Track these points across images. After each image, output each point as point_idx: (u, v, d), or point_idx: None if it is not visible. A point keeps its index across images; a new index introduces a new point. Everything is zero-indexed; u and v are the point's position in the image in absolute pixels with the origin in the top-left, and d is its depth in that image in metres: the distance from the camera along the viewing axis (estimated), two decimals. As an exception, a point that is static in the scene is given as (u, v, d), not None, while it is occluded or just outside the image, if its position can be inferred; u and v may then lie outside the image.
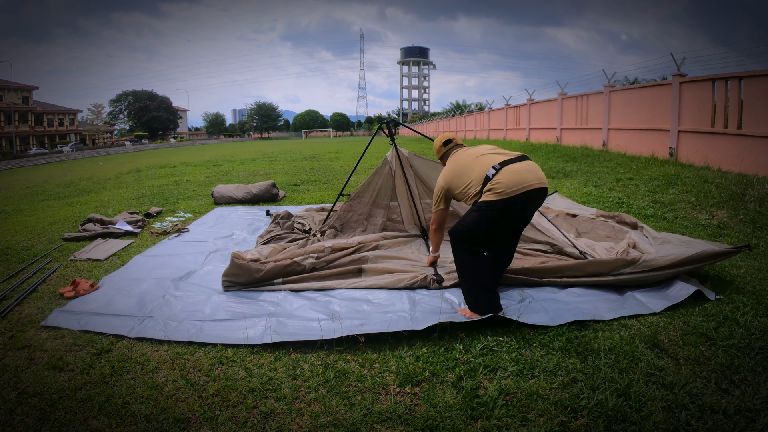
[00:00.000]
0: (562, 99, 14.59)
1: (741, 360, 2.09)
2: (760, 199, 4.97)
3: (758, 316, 2.48)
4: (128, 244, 4.54)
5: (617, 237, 3.83)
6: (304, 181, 9.25)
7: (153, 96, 71.60)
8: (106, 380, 2.12)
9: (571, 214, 4.69)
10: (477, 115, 26.18)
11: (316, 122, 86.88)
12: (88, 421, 1.85)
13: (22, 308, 2.97)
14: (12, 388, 2.08)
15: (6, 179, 16.94)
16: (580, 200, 5.92)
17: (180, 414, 1.87)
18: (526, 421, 1.77)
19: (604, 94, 11.98)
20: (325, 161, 13.78)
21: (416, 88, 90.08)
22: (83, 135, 60.65)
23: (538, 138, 16.26)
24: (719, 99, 7.94)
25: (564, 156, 10.83)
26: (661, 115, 9.57)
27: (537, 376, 2.05)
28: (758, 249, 3.82)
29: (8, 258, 4.20)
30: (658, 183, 6.60)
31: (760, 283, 2.97)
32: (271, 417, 1.86)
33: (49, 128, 53.76)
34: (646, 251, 3.29)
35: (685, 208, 5.27)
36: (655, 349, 2.21)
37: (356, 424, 1.80)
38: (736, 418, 1.72)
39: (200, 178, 10.48)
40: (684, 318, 2.52)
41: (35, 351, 2.41)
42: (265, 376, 2.12)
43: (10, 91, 45.94)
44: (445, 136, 3.09)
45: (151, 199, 7.40)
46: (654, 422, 1.72)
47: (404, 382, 2.05)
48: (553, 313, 2.58)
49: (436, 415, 1.83)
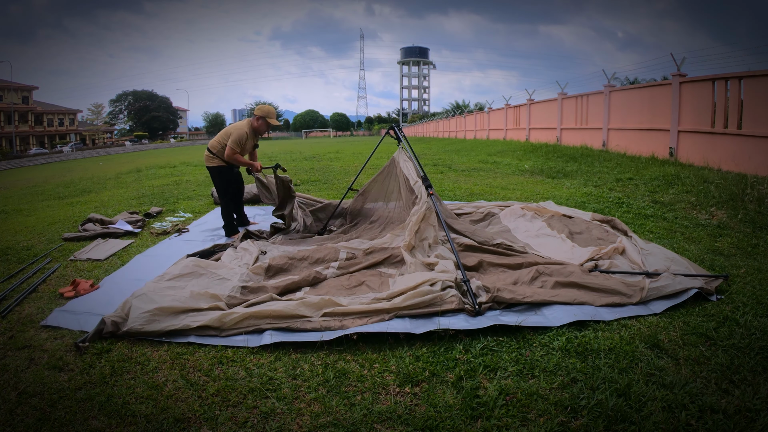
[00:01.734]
0: (561, 99, 14.59)
1: (741, 360, 2.09)
2: (760, 199, 4.97)
3: (758, 316, 2.48)
4: (128, 244, 4.54)
5: (609, 240, 3.85)
6: (304, 181, 9.25)
7: (153, 96, 71.63)
8: (106, 380, 2.12)
9: (566, 216, 4.71)
10: (477, 115, 26.19)
11: (316, 122, 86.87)
12: (88, 421, 1.85)
13: (22, 308, 2.97)
14: (12, 388, 2.08)
15: (6, 179, 16.94)
16: (580, 200, 5.92)
17: (180, 414, 1.87)
18: (526, 421, 1.77)
19: (604, 94, 11.98)
20: (325, 161, 13.78)
21: (416, 88, 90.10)
22: (83, 135, 60.65)
23: (538, 138, 16.26)
24: (719, 99, 7.95)
25: (564, 156, 10.83)
26: (661, 115, 9.58)
27: (537, 376, 2.05)
28: (758, 249, 3.82)
29: (8, 258, 4.20)
30: (658, 183, 6.60)
31: (760, 283, 2.97)
32: (271, 417, 1.86)
33: (49, 128, 53.77)
34: (634, 260, 3.33)
35: (685, 208, 5.27)
36: (655, 349, 2.21)
37: (356, 424, 1.80)
38: (736, 418, 1.72)
39: (200, 178, 10.48)
40: (684, 318, 2.52)
41: (35, 351, 2.40)
42: (265, 376, 2.12)
43: (10, 91, 45.95)
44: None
45: (151, 199, 7.40)
46: (654, 422, 1.72)
47: (404, 382, 2.05)
48: (551, 315, 2.58)
49: (436, 415, 1.83)
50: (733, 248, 3.85)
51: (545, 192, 6.69)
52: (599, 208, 5.40)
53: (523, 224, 4.58)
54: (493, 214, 5.05)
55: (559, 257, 3.52)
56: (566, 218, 4.64)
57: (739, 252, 3.76)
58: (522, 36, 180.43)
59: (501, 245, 3.71)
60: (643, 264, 3.22)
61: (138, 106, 68.97)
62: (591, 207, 5.44)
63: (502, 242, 3.76)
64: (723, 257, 3.60)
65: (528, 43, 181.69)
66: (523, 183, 7.82)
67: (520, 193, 6.67)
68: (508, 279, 3.07)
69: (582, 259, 3.43)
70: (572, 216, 4.70)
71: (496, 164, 10.83)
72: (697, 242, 4.03)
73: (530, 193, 6.70)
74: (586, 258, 3.44)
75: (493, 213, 5.07)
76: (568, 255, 3.59)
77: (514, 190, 7.09)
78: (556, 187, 7.18)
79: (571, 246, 3.79)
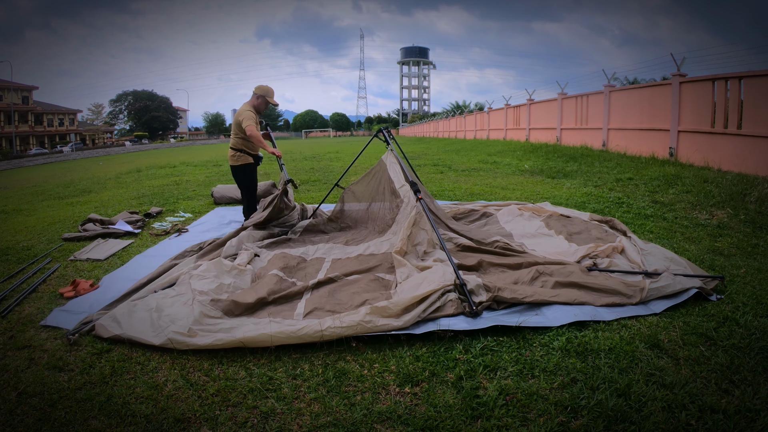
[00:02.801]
0: (561, 99, 14.60)
1: (741, 360, 2.09)
2: (760, 199, 4.97)
3: (758, 316, 2.48)
4: (128, 244, 4.54)
5: (608, 240, 3.84)
6: (304, 181, 9.25)
7: (153, 96, 71.64)
8: (106, 380, 2.12)
9: (564, 215, 4.71)
10: (477, 115, 26.19)
11: (315, 122, 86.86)
12: (88, 421, 1.85)
13: (22, 308, 2.97)
14: (12, 388, 2.08)
15: (6, 179, 16.94)
16: (580, 200, 5.92)
17: (180, 414, 1.87)
18: (526, 421, 1.77)
19: (603, 94, 11.98)
20: (325, 161, 13.78)
21: (416, 88, 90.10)
22: (83, 135, 60.65)
23: (538, 138, 16.26)
24: (719, 99, 7.95)
25: (564, 156, 10.83)
26: (661, 115, 9.58)
27: (537, 376, 2.05)
28: (758, 249, 3.82)
29: (8, 258, 4.20)
30: (658, 183, 6.60)
31: (760, 283, 2.97)
32: (271, 417, 1.86)
33: (49, 128, 53.76)
34: (633, 260, 3.33)
35: (685, 208, 5.27)
36: (655, 349, 2.21)
37: (356, 424, 1.79)
38: (736, 418, 1.72)
39: (200, 178, 10.48)
40: (684, 318, 2.52)
41: (35, 351, 2.40)
42: (265, 376, 2.12)
43: (10, 91, 45.95)
44: None
45: (151, 199, 7.40)
46: (654, 422, 1.72)
47: (404, 382, 2.05)
48: (551, 316, 2.58)
49: (436, 415, 1.83)
50: (733, 248, 3.85)
51: (545, 192, 6.69)
52: (599, 208, 5.40)
53: (520, 223, 4.58)
54: (490, 214, 5.04)
55: (558, 257, 3.52)
56: (564, 218, 4.63)
57: (739, 252, 3.76)
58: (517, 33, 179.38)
59: (497, 243, 3.69)
60: (642, 264, 3.22)
61: (138, 106, 68.98)
62: (591, 207, 5.44)
63: (499, 241, 3.74)
64: (723, 257, 3.60)
65: (523, 40, 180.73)
66: (523, 183, 7.82)
67: (520, 193, 6.67)
68: (509, 278, 3.07)
69: (578, 255, 3.44)
70: (570, 216, 4.70)
71: (496, 164, 10.83)
72: (697, 242, 4.03)
73: (530, 193, 6.70)
74: (583, 254, 3.45)
75: (489, 213, 5.06)
76: (566, 254, 3.59)
77: (514, 190, 7.09)
78: (556, 187, 7.18)
79: (569, 246, 3.79)
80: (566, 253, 3.59)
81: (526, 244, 3.88)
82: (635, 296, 2.72)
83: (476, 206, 5.36)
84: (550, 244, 3.93)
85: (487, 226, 4.67)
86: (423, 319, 2.55)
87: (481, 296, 2.74)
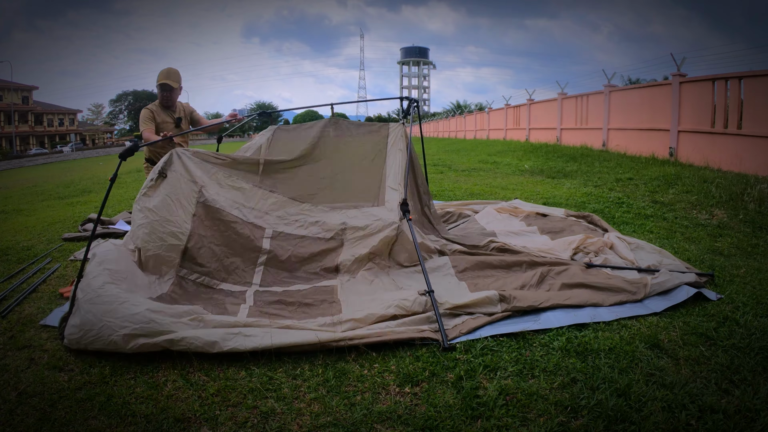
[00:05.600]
0: (561, 99, 14.60)
1: (741, 360, 2.09)
2: (760, 199, 4.97)
3: (758, 316, 2.48)
4: (128, 244, 4.53)
5: (594, 236, 3.84)
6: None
7: (153, 96, 70.76)
8: (106, 380, 2.12)
9: (541, 214, 4.67)
10: (477, 115, 26.20)
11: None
12: (88, 421, 1.84)
13: (22, 308, 2.97)
14: (12, 388, 2.08)
15: (6, 179, 16.94)
16: (579, 200, 5.92)
17: (180, 414, 1.87)
18: (526, 421, 1.77)
19: (604, 94, 11.98)
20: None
21: (416, 88, 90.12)
22: (83, 135, 60.65)
23: (538, 138, 16.26)
24: (719, 99, 7.95)
25: (564, 156, 10.83)
26: (661, 115, 9.58)
27: (537, 376, 2.05)
28: (758, 249, 3.82)
29: (8, 258, 4.19)
30: (658, 183, 6.60)
31: (760, 283, 2.97)
32: (271, 417, 1.86)
33: (49, 128, 53.79)
34: (624, 256, 3.34)
35: (685, 208, 5.27)
36: (655, 349, 2.21)
37: (356, 424, 1.79)
38: (736, 418, 1.72)
39: (200, 178, 10.47)
40: (684, 318, 2.52)
41: (35, 351, 2.40)
42: (265, 376, 2.12)
43: (10, 91, 45.95)
44: None
45: (151, 199, 7.39)
46: (654, 422, 1.72)
47: (404, 382, 2.05)
48: (554, 319, 2.57)
49: (436, 415, 1.83)
50: (733, 248, 3.85)
51: (545, 192, 6.69)
52: (599, 208, 5.40)
53: (502, 222, 4.49)
54: (467, 215, 4.89)
55: (550, 252, 3.52)
56: (541, 216, 4.60)
57: (739, 252, 3.76)
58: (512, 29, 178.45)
59: (492, 245, 3.64)
60: (635, 260, 3.27)
61: (138, 106, 68.75)
62: (591, 207, 5.44)
63: (491, 242, 3.70)
64: (723, 257, 3.60)
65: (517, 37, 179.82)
66: (523, 183, 7.82)
67: (520, 193, 6.67)
68: (515, 283, 2.99)
69: (572, 248, 3.47)
70: (547, 214, 4.66)
71: (496, 164, 10.83)
72: (697, 242, 4.03)
73: (530, 193, 6.70)
74: (576, 246, 3.50)
75: (466, 214, 4.91)
76: (557, 250, 3.58)
77: (514, 190, 7.09)
78: (556, 187, 7.18)
79: (555, 242, 3.77)
80: (557, 248, 3.58)
81: (512, 243, 3.74)
82: (639, 292, 2.75)
83: (451, 208, 5.24)
84: (537, 241, 3.89)
85: (467, 227, 4.52)
86: (381, 336, 2.35)
87: (496, 307, 2.61)
